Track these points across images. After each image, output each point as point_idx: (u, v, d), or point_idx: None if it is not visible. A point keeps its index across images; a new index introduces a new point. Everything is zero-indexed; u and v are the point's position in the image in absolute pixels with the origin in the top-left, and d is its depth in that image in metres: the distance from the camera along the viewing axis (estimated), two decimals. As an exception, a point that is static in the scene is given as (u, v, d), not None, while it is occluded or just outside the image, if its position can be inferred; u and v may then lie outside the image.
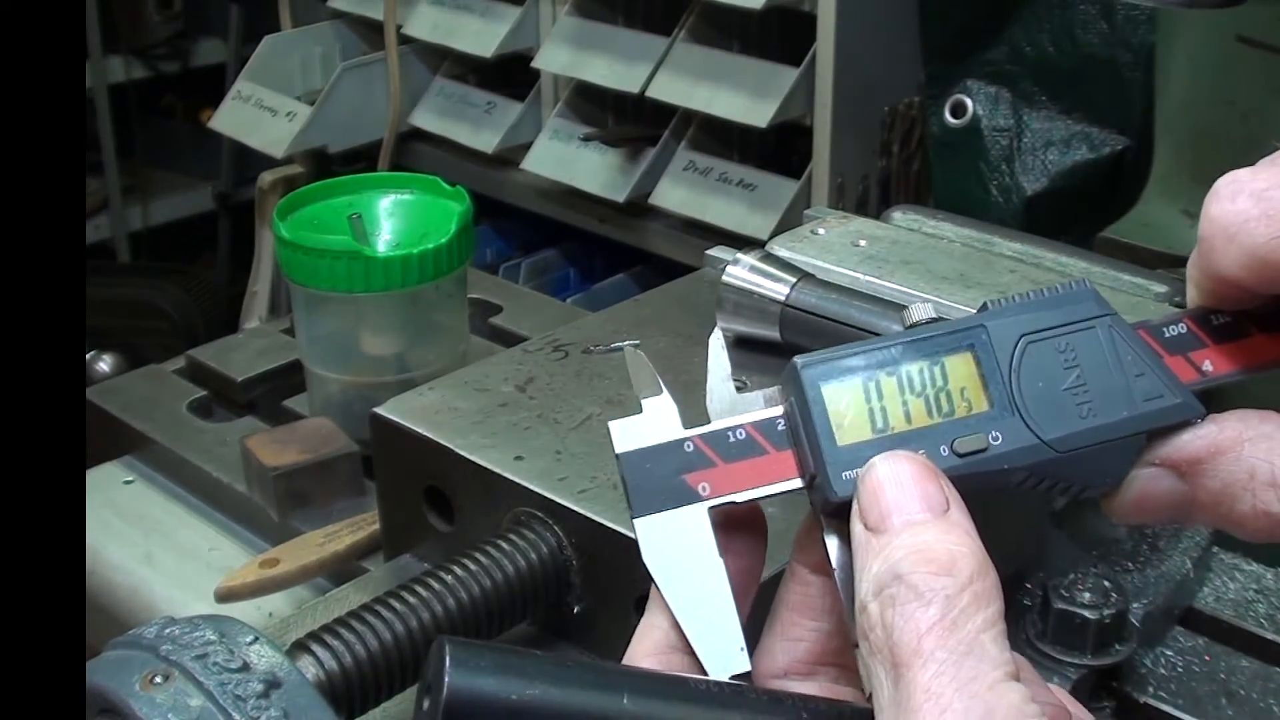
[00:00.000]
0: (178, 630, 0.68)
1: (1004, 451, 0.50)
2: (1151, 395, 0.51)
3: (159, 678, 0.66)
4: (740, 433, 0.52)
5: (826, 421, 0.51)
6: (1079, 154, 1.47)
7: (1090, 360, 0.52)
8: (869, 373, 0.51)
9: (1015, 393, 0.51)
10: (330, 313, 1.14)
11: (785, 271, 0.94)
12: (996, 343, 0.52)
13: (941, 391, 0.51)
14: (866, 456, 0.50)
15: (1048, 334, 0.52)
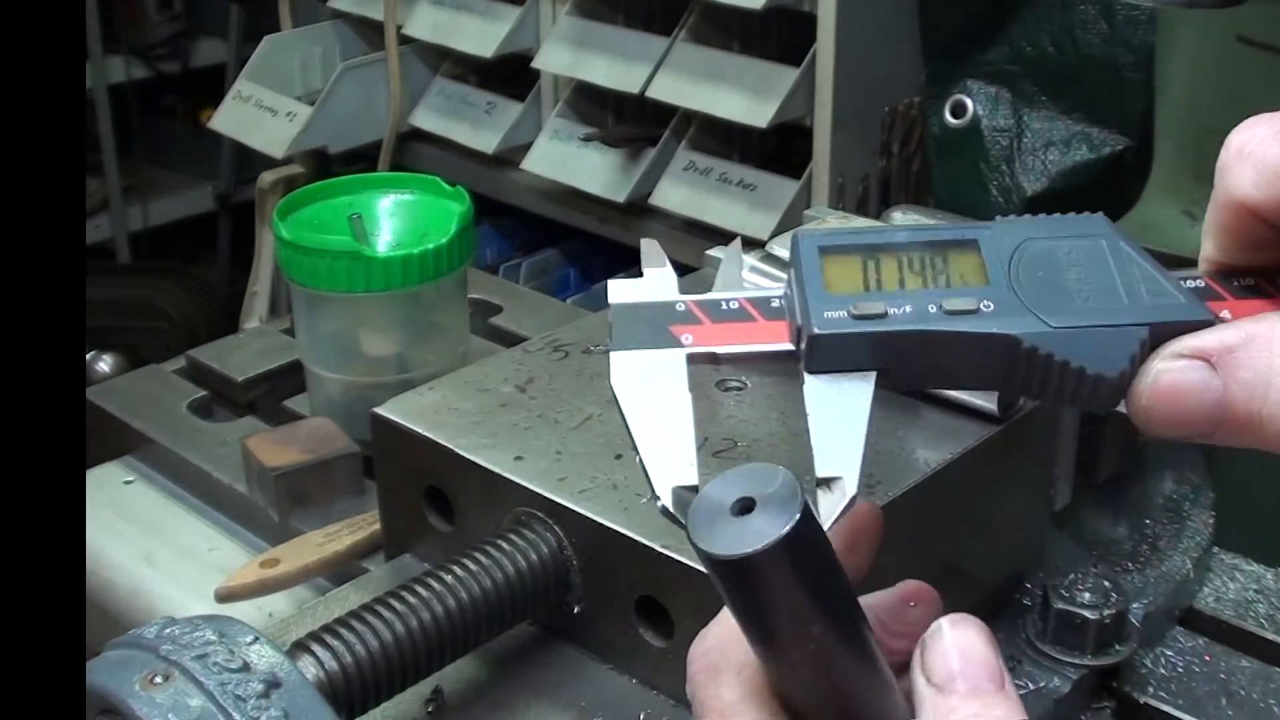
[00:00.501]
0: (178, 630, 0.68)
1: (996, 318, 0.49)
2: (1158, 295, 0.50)
3: (159, 678, 0.66)
4: (734, 303, 0.53)
5: (819, 278, 0.51)
6: (1079, 154, 1.47)
7: (1093, 262, 0.51)
8: (870, 250, 0.52)
9: (1014, 276, 0.50)
10: (330, 313, 1.14)
11: (785, 272, 0.94)
12: (1000, 243, 0.52)
13: (940, 272, 0.51)
14: (852, 304, 0.50)
15: (1051, 239, 0.52)
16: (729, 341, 0.52)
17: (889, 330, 0.50)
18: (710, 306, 0.53)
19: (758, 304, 0.53)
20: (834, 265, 0.51)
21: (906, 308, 0.50)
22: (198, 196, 3.09)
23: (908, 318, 0.50)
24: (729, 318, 0.52)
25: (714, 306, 0.53)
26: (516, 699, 0.83)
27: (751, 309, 0.53)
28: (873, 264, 0.51)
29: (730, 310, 0.53)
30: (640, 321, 0.53)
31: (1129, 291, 0.50)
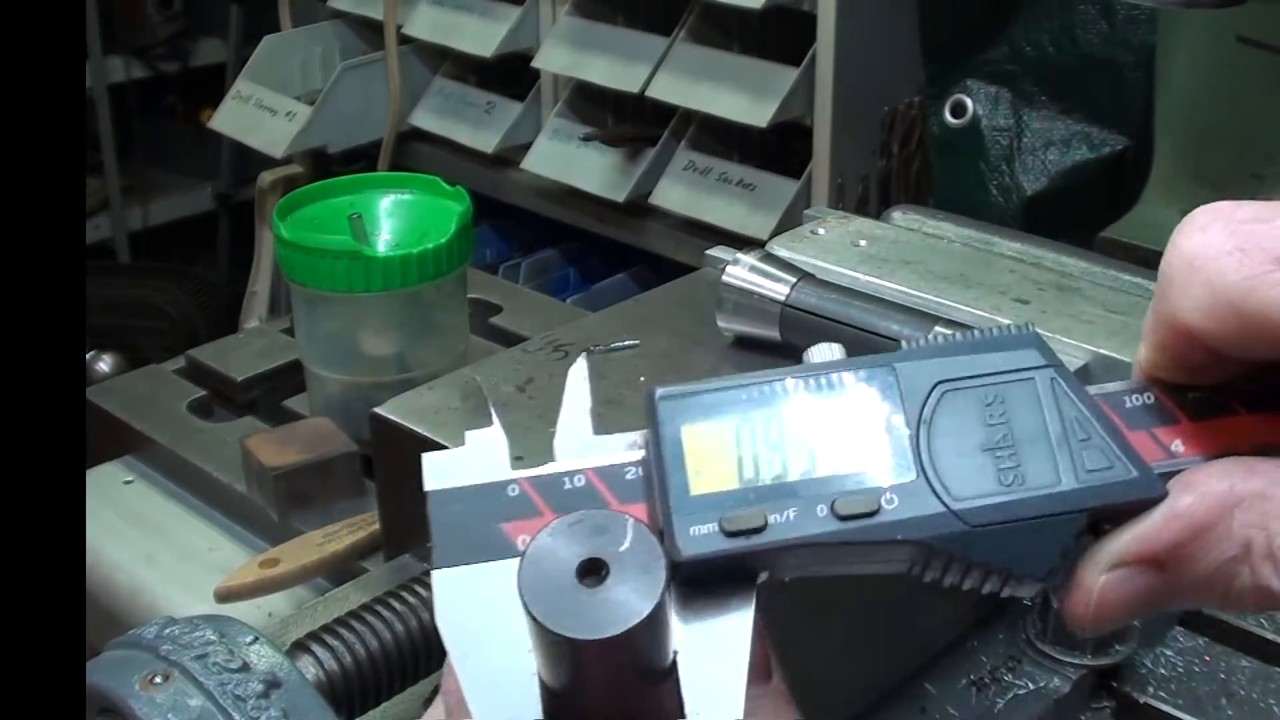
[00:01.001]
0: (178, 630, 0.68)
1: (899, 519, 0.40)
2: (1098, 466, 0.41)
3: (159, 678, 0.66)
4: (579, 479, 0.43)
5: (681, 466, 0.41)
6: (1079, 154, 1.47)
7: (1022, 419, 0.41)
8: (743, 412, 0.42)
9: (920, 449, 0.41)
10: (330, 313, 1.14)
11: (785, 271, 0.95)
12: (907, 388, 0.42)
13: (832, 440, 0.41)
14: (724, 508, 0.40)
15: (972, 382, 0.42)
16: None
17: (770, 545, 0.40)
18: (550, 488, 0.43)
19: (609, 479, 0.43)
20: (700, 444, 0.41)
21: (790, 512, 0.40)
22: (198, 196, 3.09)
23: (792, 526, 0.40)
24: (574, 504, 0.42)
25: (554, 487, 0.43)
26: (516, 699, 0.83)
27: (601, 487, 0.42)
28: (748, 434, 0.41)
29: (575, 491, 0.42)
30: (467, 521, 0.42)
31: (1064, 460, 0.41)
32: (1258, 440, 0.41)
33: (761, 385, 0.42)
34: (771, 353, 0.95)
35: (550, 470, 0.44)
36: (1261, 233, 0.38)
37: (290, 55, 2.15)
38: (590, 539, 0.39)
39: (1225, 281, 0.38)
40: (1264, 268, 0.38)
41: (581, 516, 0.40)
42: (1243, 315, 0.38)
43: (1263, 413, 0.42)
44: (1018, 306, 0.97)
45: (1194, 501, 0.39)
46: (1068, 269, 1.07)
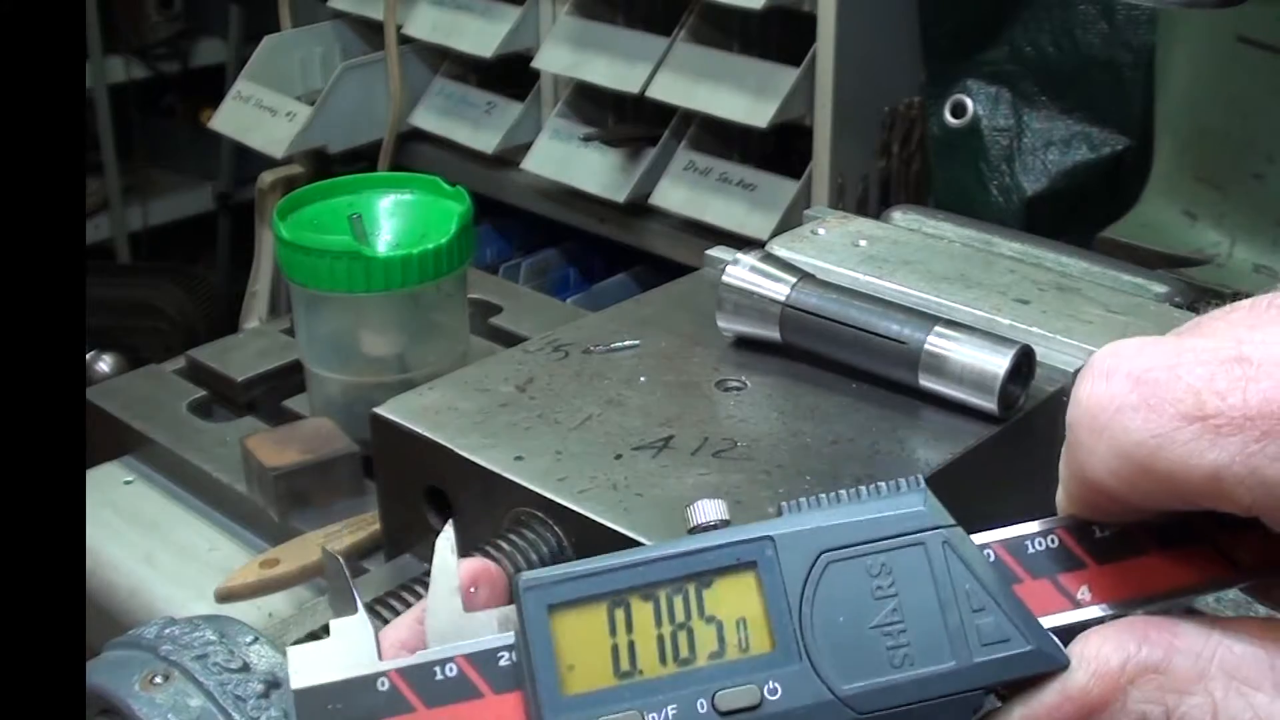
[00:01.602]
0: (178, 630, 0.68)
1: (783, 710, 0.38)
2: (994, 639, 0.38)
3: (159, 678, 0.66)
4: (451, 668, 0.40)
5: (552, 663, 0.39)
6: (1079, 154, 1.47)
7: (912, 589, 0.39)
8: (617, 596, 0.39)
9: (804, 630, 0.39)
10: (330, 313, 1.14)
11: (785, 272, 0.95)
12: (787, 560, 0.39)
13: (710, 622, 0.39)
14: (600, 709, 0.38)
15: (857, 550, 0.40)
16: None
17: None
18: (421, 679, 0.40)
19: (482, 666, 0.40)
20: (571, 634, 0.39)
21: (670, 710, 0.38)
22: (198, 196, 3.09)
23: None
24: (448, 696, 0.40)
25: (426, 678, 0.40)
26: (516, 699, 0.83)
27: (476, 677, 0.40)
28: (622, 621, 0.39)
29: (448, 681, 0.40)
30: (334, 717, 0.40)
31: (956, 635, 0.38)
32: (1168, 582, 0.40)
33: (634, 567, 0.40)
34: (772, 353, 0.95)
35: (420, 660, 0.41)
36: (1167, 384, 0.36)
37: (290, 55, 2.15)
38: None
39: (1131, 441, 0.36)
40: (1173, 424, 0.36)
41: None
42: (1152, 477, 0.36)
43: (1174, 550, 0.40)
44: (1018, 306, 0.97)
45: (1087, 681, 0.37)
46: (1068, 269, 1.07)
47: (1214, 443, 0.35)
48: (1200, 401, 0.35)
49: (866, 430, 0.87)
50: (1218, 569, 0.40)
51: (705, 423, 0.87)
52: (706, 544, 0.40)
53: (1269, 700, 0.35)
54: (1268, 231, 1.23)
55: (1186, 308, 1.02)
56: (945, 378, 0.88)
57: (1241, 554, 0.40)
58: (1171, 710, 0.36)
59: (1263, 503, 0.35)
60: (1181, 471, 0.36)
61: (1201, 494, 0.36)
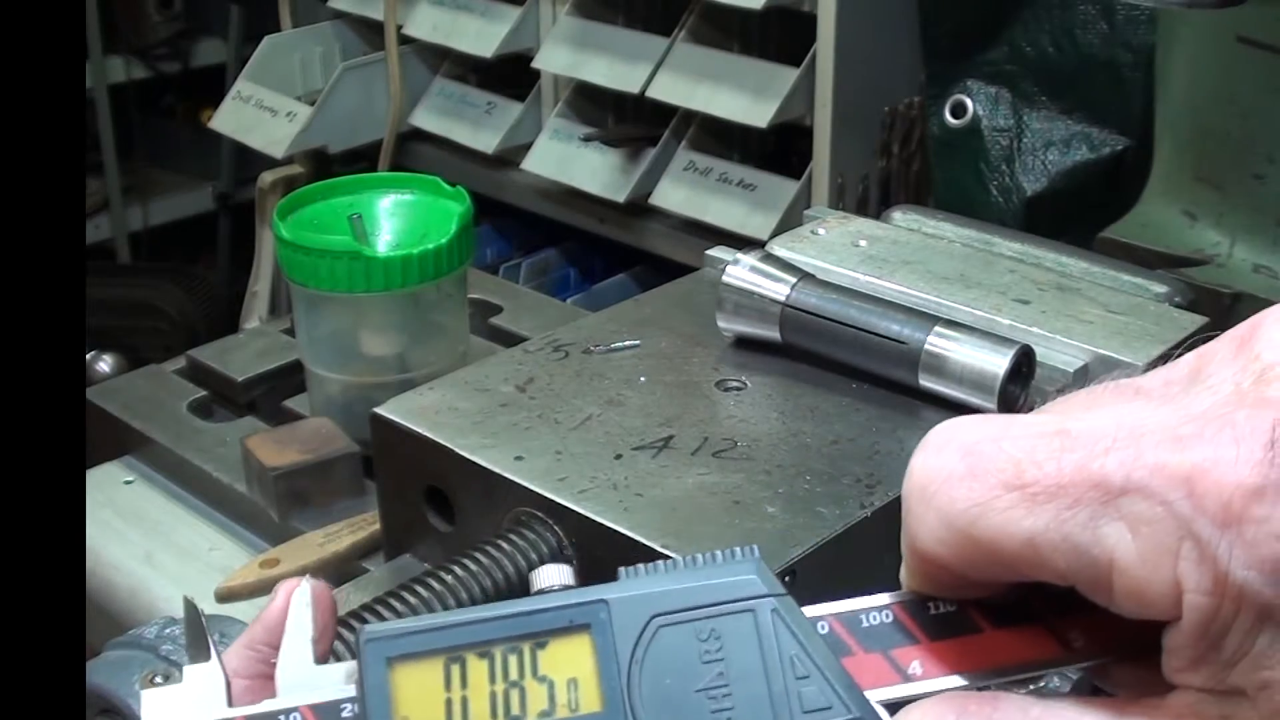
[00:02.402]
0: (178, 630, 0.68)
1: None
2: (816, 707, 0.39)
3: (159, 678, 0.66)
4: (295, 717, 0.41)
5: (387, 713, 0.39)
6: (1079, 154, 1.47)
7: (739, 655, 0.39)
8: (454, 652, 0.40)
9: (632, 691, 0.39)
10: (330, 313, 1.14)
11: (785, 272, 0.95)
12: (619, 623, 0.40)
13: (543, 681, 0.40)
14: None
15: (688, 615, 0.40)
16: None
17: None
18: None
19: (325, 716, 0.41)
20: (408, 687, 0.40)
21: None
22: (198, 196, 3.09)
23: None
24: None
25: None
26: (516, 699, 0.83)
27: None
28: (457, 674, 0.40)
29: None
30: None
31: (780, 702, 0.39)
32: (997, 660, 0.40)
33: (473, 625, 0.40)
34: (772, 353, 0.95)
35: (266, 709, 0.42)
36: (991, 455, 0.37)
37: (290, 55, 2.15)
38: None
39: (955, 510, 0.37)
40: (992, 493, 0.37)
41: None
42: (975, 544, 0.37)
43: (1006, 628, 0.41)
44: (1018, 306, 0.97)
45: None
46: (1068, 269, 1.07)
47: (1030, 510, 0.36)
48: (1019, 471, 0.37)
49: (866, 430, 0.87)
50: (1049, 649, 0.41)
51: (705, 423, 0.87)
52: (544, 605, 0.41)
53: None
54: (1268, 231, 1.23)
55: (1186, 308, 1.02)
56: (945, 378, 0.88)
57: (1074, 635, 0.41)
58: None
59: (1075, 569, 0.36)
60: (1001, 539, 0.37)
61: (1020, 561, 0.37)
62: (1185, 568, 0.35)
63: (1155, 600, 0.36)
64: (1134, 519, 0.35)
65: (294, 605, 0.46)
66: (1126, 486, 0.36)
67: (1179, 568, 0.35)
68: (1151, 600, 0.36)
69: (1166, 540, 0.35)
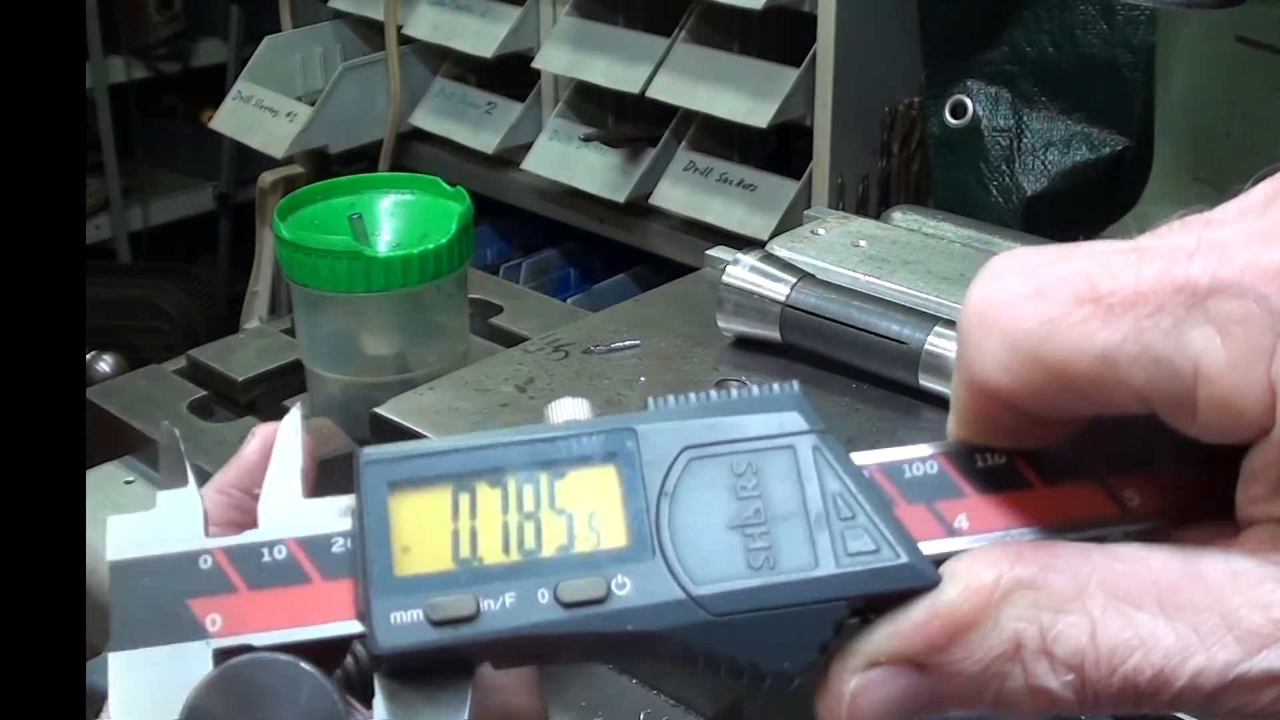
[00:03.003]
0: (178, 630, 0.68)
1: (630, 606, 0.35)
2: (862, 550, 0.36)
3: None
4: (280, 550, 0.38)
5: (387, 542, 0.36)
6: (1079, 154, 1.47)
7: (778, 492, 0.36)
8: (461, 480, 0.37)
9: (662, 523, 0.36)
10: (330, 313, 1.14)
11: (785, 272, 0.95)
12: (649, 455, 0.37)
13: (561, 514, 0.36)
14: (433, 592, 0.35)
15: (723, 449, 0.37)
16: (269, 624, 0.37)
17: (482, 638, 0.35)
18: (246, 559, 0.38)
19: (314, 551, 0.38)
20: (409, 515, 0.36)
21: (508, 597, 0.35)
22: (198, 196, 3.09)
23: (508, 614, 0.35)
24: (273, 579, 0.37)
25: (252, 559, 0.38)
26: (516, 699, 0.83)
27: (305, 560, 0.38)
28: (466, 504, 0.36)
29: (275, 564, 0.38)
30: (151, 596, 0.38)
31: (823, 541, 0.36)
32: (1047, 517, 0.37)
33: (484, 450, 0.37)
34: (772, 353, 0.95)
35: (249, 539, 0.38)
36: (1061, 272, 0.34)
37: (290, 55, 2.15)
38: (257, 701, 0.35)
39: (1021, 330, 0.34)
40: (1064, 308, 0.34)
41: (251, 664, 0.35)
42: (1044, 366, 0.34)
43: (1057, 484, 0.37)
44: (1018, 306, 0.97)
45: (957, 596, 0.35)
46: (1068, 269, 1.07)
47: (1106, 322, 0.33)
48: (1092, 283, 0.34)
49: (866, 430, 0.87)
50: (1103, 507, 0.38)
51: (705, 423, 0.87)
52: (564, 432, 0.37)
53: (1150, 619, 0.33)
54: (1268, 231, 1.23)
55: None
56: (945, 378, 0.88)
57: (1129, 494, 0.38)
58: (1046, 629, 0.34)
59: (1155, 384, 0.33)
60: (1073, 357, 0.34)
61: (1094, 381, 0.34)
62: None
63: (1245, 409, 0.33)
64: (1223, 320, 0.32)
65: (283, 433, 0.43)
66: (1215, 286, 0.33)
67: (1273, 368, 0.32)
68: (1240, 409, 0.33)
69: (1260, 339, 0.32)
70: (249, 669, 0.35)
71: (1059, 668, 0.34)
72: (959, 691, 0.35)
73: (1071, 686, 0.34)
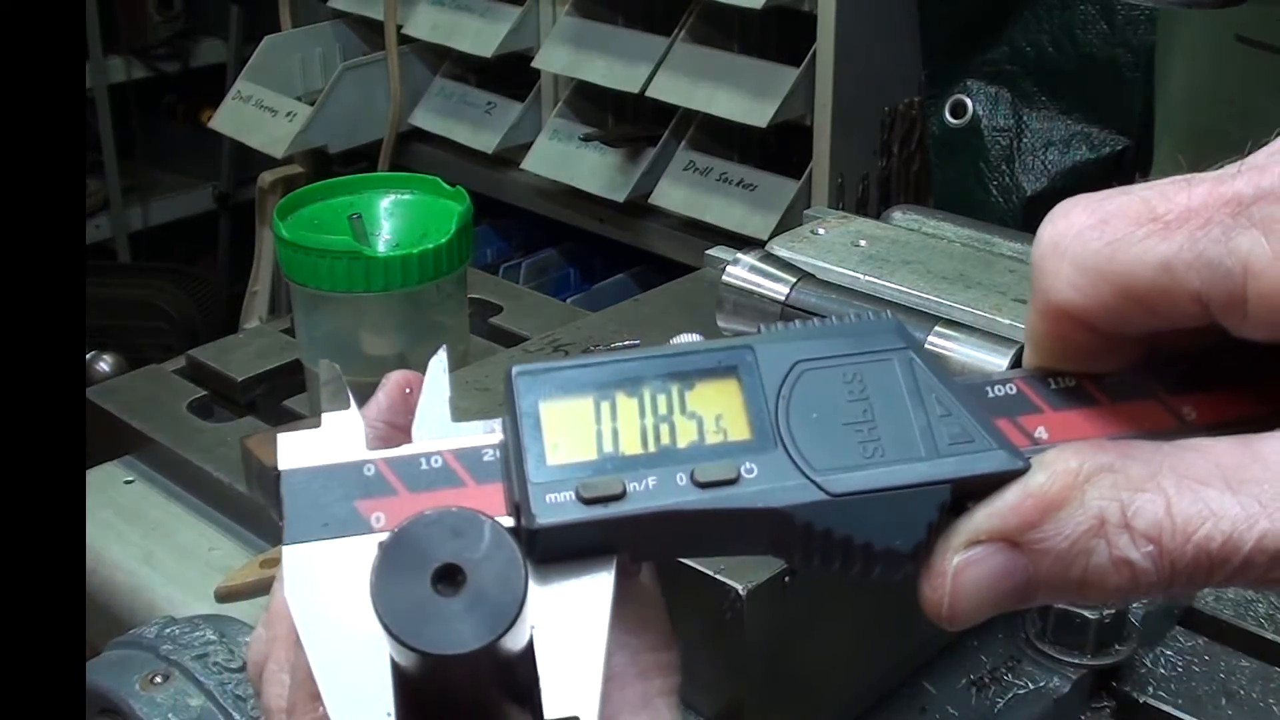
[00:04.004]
0: (178, 630, 0.68)
1: (760, 488, 0.40)
2: (960, 440, 0.40)
3: (159, 678, 0.66)
4: (436, 460, 0.43)
5: (539, 438, 0.41)
6: (1079, 154, 1.47)
7: (883, 395, 0.41)
8: (603, 390, 0.41)
9: (781, 423, 0.41)
10: (330, 313, 1.14)
11: (785, 271, 0.95)
12: (765, 368, 0.42)
13: (691, 417, 0.41)
14: (582, 477, 0.40)
15: (831, 362, 0.42)
16: None
17: (629, 514, 0.40)
18: (406, 468, 0.42)
19: (467, 460, 0.42)
20: (558, 418, 0.41)
21: (650, 480, 0.40)
22: (198, 196, 3.09)
23: (651, 494, 0.40)
24: (430, 484, 0.42)
25: (411, 467, 0.42)
26: (516, 699, 0.83)
27: (459, 469, 0.42)
28: (607, 410, 0.41)
29: (432, 471, 0.42)
30: (320, 499, 0.43)
31: (925, 435, 0.41)
32: (1115, 429, 0.42)
33: (620, 363, 0.42)
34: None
35: (407, 451, 0.43)
36: (1122, 203, 0.39)
37: (290, 55, 2.15)
38: (447, 542, 0.38)
39: (1089, 250, 0.39)
40: (1127, 230, 0.39)
41: (438, 516, 0.39)
42: (1111, 281, 0.39)
43: (1122, 402, 0.42)
44: (1018, 306, 0.97)
45: (1046, 480, 0.39)
46: (1068, 269, 1.07)
47: (1164, 237, 0.38)
48: (1150, 207, 0.39)
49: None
50: (1165, 421, 0.42)
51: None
52: (690, 349, 0.42)
53: (1218, 494, 0.38)
54: (1268, 231, 1.23)
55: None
56: (945, 378, 0.88)
57: (1187, 409, 0.42)
58: (1126, 506, 0.38)
59: (1210, 286, 0.38)
60: (1137, 269, 0.38)
61: (1156, 291, 0.38)
62: None
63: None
64: (1267, 222, 0.37)
65: (432, 367, 0.49)
66: (1258, 195, 0.38)
67: None
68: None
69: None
70: (444, 516, 0.39)
71: (1139, 539, 0.38)
72: (1050, 570, 0.39)
73: (1151, 557, 0.38)
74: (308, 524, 0.43)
